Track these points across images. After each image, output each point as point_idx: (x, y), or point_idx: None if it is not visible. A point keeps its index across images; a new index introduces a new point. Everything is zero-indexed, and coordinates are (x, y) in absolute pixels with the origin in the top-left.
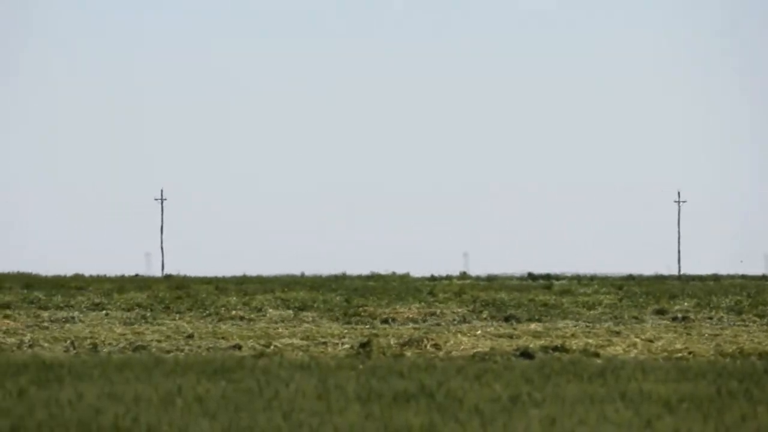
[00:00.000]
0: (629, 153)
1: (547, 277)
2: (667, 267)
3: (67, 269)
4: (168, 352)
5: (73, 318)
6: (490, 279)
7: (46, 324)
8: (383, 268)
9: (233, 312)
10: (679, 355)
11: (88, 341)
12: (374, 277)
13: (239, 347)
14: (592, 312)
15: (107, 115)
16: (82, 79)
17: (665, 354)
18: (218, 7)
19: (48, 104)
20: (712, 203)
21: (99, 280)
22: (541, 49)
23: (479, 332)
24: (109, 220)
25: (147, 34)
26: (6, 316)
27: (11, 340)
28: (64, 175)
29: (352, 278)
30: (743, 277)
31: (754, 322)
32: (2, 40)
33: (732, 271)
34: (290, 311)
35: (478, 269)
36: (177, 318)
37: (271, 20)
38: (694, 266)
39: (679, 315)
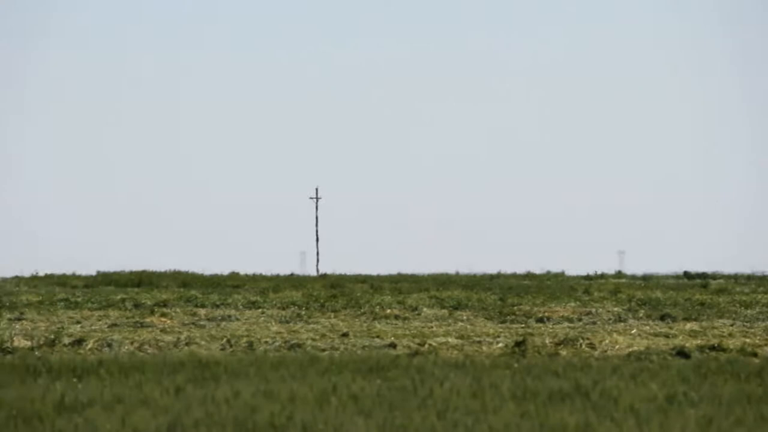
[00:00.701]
0: None
1: (704, 276)
2: None
3: (223, 268)
4: (323, 350)
5: (229, 316)
6: (646, 278)
7: (202, 322)
8: (538, 267)
9: (388, 311)
10: None
11: (244, 339)
12: (529, 276)
13: (394, 346)
14: (749, 311)
15: (265, 115)
16: (237, 79)
17: None
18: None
19: (212, 105)
20: None
21: (255, 279)
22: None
23: (635, 331)
24: (264, 219)
25: (300, 31)
26: (163, 315)
27: (168, 338)
28: (221, 175)
29: (506, 277)
30: None
31: None
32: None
33: None
34: (445, 310)
35: (633, 268)
36: (332, 316)
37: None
38: None
39: None
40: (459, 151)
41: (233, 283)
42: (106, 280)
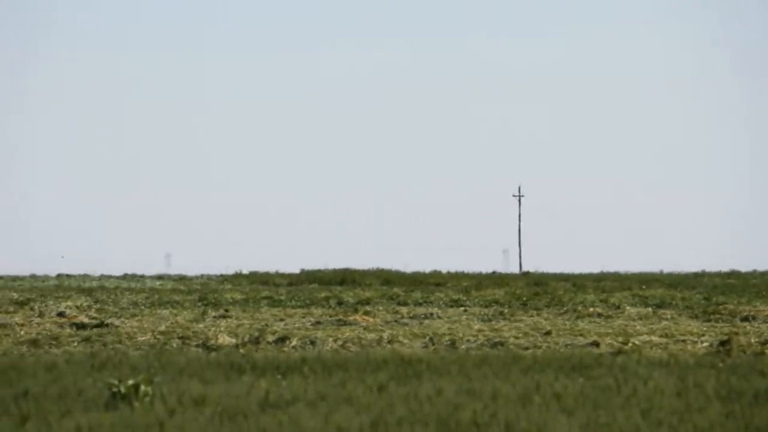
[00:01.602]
0: None
1: None
2: None
3: (425, 266)
4: (526, 348)
5: (431, 314)
6: None
7: (405, 320)
8: (743, 265)
9: (591, 309)
10: None
11: (446, 337)
12: (734, 275)
13: (597, 344)
14: None
15: (467, 112)
16: (428, 79)
17: None
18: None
19: (396, 102)
20: None
21: (457, 277)
22: None
23: None
24: (468, 217)
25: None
26: (366, 313)
27: (371, 336)
28: (425, 173)
29: (711, 275)
30: None
31: None
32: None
33: None
34: (649, 309)
35: None
36: (534, 315)
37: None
38: None
39: None
40: (654, 144)
41: (435, 281)
42: (309, 278)
